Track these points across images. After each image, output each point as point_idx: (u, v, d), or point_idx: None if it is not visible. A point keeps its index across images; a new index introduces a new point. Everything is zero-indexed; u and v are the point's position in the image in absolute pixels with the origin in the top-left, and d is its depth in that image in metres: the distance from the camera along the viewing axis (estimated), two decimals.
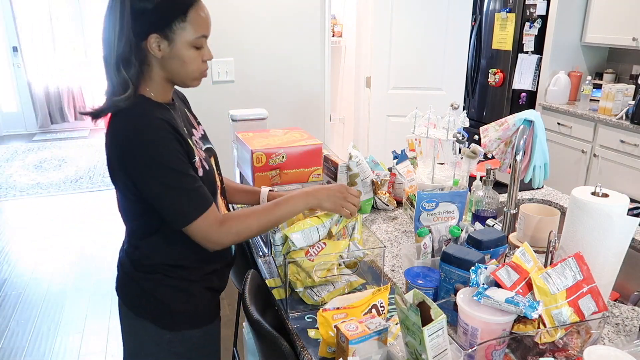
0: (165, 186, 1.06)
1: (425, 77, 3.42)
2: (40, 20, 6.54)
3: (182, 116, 1.23)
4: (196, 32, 1.08)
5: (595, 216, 1.10)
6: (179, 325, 1.23)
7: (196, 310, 1.25)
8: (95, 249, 3.58)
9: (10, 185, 4.88)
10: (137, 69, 1.07)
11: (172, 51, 1.08)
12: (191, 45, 1.09)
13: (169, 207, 1.09)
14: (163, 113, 1.09)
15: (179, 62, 1.10)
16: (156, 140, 1.04)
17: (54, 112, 6.97)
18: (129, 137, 1.04)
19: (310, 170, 1.65)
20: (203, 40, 1.12)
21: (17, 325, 2.75)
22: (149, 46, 1.07)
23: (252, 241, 1.58)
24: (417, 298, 0.90)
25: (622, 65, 3.90)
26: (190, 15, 1.07)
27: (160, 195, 1.07)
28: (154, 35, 1.06)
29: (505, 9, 4.10)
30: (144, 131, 1.04)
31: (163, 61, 1.10)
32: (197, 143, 1.21)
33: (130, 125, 1.05)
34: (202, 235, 1.11)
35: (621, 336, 1.09)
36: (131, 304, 1.24)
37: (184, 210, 1.08)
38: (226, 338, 2.58)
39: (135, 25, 1.04)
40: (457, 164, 1.75)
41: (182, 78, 1.13)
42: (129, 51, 1.05)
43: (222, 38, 2.83)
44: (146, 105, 1.10)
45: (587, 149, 3.55)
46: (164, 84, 1.14)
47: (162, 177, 1.05)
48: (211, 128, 2.90)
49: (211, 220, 1.11)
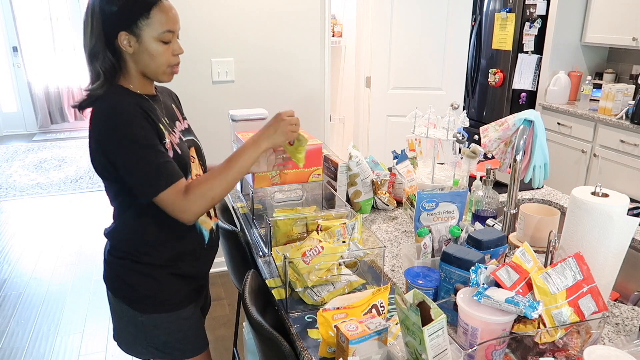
0: (136, 159, 1.15)
1: (425, 77, 3.42)
2: (40, 20, 6.54)
3: (166, 109, 1.34)
4: (161, 27, 1.19)
5: (595, 216, 1.10)
6: (149, 309, 1.33)
7: (162, 295, 1.33)
8: (95, 249, 3.59)
9: (10, 185, 4.88)
10: (110, 62, 1.20)
11: (141, 46, 1.20)
12: (158, 40, 1.20)
13: (139, 178, 1.17)
14: (137, 100, 1.21)
15: (148, 55, 1.21)
16: (128, 118, 1.15)
17: (54, 112, 6.97)
18: (105, 115, 1.16)
19: (310, 170, 1.65)
20: (170, 35, 1.22)
21: (17, 325, 2.74)
22: (120, 43, 1.19)
23: (252, 241, 1.58)
24: (417, 298, 0.90)
25: (622, 65, 3.90)
26: (153, 12, 1.18)
27: (131, 168, 1.16)
28: (123, 32, 1.18)
29: (505, 9, 4.10)
30: (116, 110, 1.16)
31: (134, 56, 1.21)
32: (174, 132, 1.31)
33: (105, 107, 1.17)
34: (172, 206, 1.18)
35: (621, 336, 1.09)
36: (111, 287, 1.36)
37: (152, 181, 1.16)
38: (226, 338, 2.58)
39: (105, 25, 1.18)
40: (457, 164, 1.75)
41: (152, 71, 1.24)
42: (98, 47, 1.18)
43: (222, 38, 2.83)
44: (122, 91, 1.22)
45: (587, 149, 3.55)
46: (140, 77, 1.26)
47: (133, 150, 1.15)
48: (211, 128, 2.92)
49: (179, 191, 1.18)
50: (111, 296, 1.37)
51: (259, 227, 1.62)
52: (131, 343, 1.37)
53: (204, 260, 1.42)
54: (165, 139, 1.22)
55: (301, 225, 1.46)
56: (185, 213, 1.19)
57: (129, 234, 1.30)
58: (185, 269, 1.35)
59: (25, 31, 6.52)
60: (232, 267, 1.80)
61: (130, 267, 1.31)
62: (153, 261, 1.30)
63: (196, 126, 1.63)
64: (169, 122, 1.30)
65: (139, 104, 1.19)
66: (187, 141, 1.35)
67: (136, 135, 1.15)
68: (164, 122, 1.27)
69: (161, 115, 1.28)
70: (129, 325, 1.35)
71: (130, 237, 1.30)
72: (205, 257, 1.42)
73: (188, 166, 1.31)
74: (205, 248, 1.40)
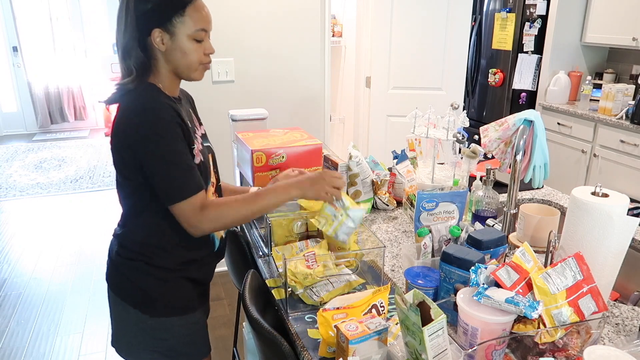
0: (165, 160, 1.14)
1: (425, 77, 3.42)
2: (40, 20, 6.54)
3: (186, 112, 1.31)
4: (195, 25, 1.19)
5: (595, 216, 1.10)
6: (158, 312, 1.29)
7: (174, 298, 1.30)
8: (95, 249, 3.59)
9: (10, 185, 4.88)
10: (143, 59, 1.19)
11: (174, 44, 1.19)
12: (191, 38, 1.19)
13: (165, 180, 1.15)
14: (169, 101, 1.20)
15: (181, 53, 1.20)
16: (162, 118, 1.14)
17: (54, 112, 6.97)
18: (139, 112, 1.14)
19: (310, 171, 1.65)
20: (203, 34, 1.21)
21: (17, 325, 2.74)
22: (154, 40, 1.18)
23: (252, 241, 1.58)
24: (417, 298, 0.90)
25: (622, 65, 3.90)
26: (188, 10, 1.18)
27: (159, 169, 1.15)
28: (157, 30, 1.17)
29: (505, 8, 4.10)
30: (151, 109, 1.14)
31: (167, 54, 1.20)
32: (197, 137, 1.29)
33: (139, 103, 1.16)
34: (185, 216, 1.17)
35: (621, 336, 1.09)
36: (116, 289, 1.32)
37: (176, 186, 1.15)
38: (226, 338, 2.58)
39: (139, 23, 1.16)
40: (457, 164, 1.75)
41: (184, 69, 1.23)
42: (131, 44, 1.17)
43: (222, 38, 2.83)
44: (155, 90, 1.21)
45: (587, 149, 3.55)
46: (170, 77, 1.24)
47: (163, 152, 1.14)
48: (211, 128, 2.90)
49: (196, 204, 1.17)
50: (115, 298, 1.32)
51: (259, 227, 1.62)
52: (133, 348, 1.33)
53: (211, 266, 1.41)
54: (193, 145, 1.21)
55: (301, 225, 1.46)
56: (195, 228, 1.18)
57: (145, 236, 1.26)
58: (194, 273, 1.34)
59: (25, 31, 6.52)
60: (232, 267, 1.80)
61: (142, 269, 1.27)
62: (166, 265, 1.27)
63: None
64: (191, 126, 1.28)
65: (171, 104, 1.18)
66: (205, 147, 1.34)
67: (168, 135, 1.14)
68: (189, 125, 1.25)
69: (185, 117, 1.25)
70: (134, 329, 1.31)
71: (145, 239, 1.26)
72: (212, 263, 1.41)
73: (209, 173, 1.30)
74: (214, 255, 1.39)
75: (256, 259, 1.50)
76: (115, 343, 1.36)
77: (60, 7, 6.57)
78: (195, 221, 1.17)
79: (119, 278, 1.31)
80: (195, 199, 1.16)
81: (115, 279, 1.32)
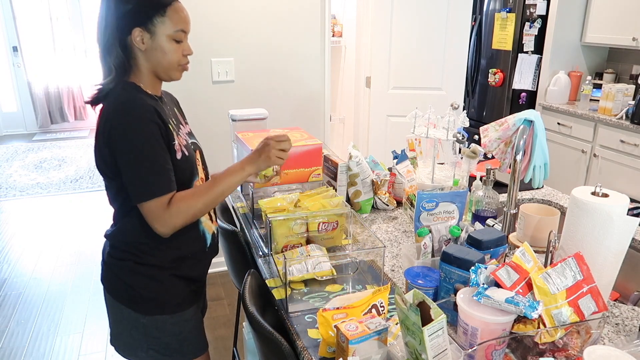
0: (137, 159, 1.16)
1: (425, 77, 3.42)
2: (40, 20, 6.54)
3: (169, 111, 1.34)
4: (175, 26, 1.22)
5: (595, 216, 1.10)
6: (151, 311, 1.32)
7: (165, 296, 1.32)
8: (95, 249, 3.59)
9: (10, 185, 4.88)
10: (122, 58, 1.21)
11: (154, 43, 1.22)
12: (171, 38, 1.23)
13: (135, 178, 1.17)
14: (149, 99, 1.22)
15: (161, 53, 1.23)
16: (137, 117, 1.15)
17: (54, 112, 6.97)
18: (116, 110, 1.16)
19: (310, 170, 1.65)
20: (182, 35, 1.25)
21: (17, 325, 2.74)
22: (134, 39, 1.20)
23: (252, 241, 1.58)
24: (417, 298, 0.90)
25: (622, 65, 3.90)
26: (168, 11, 1.21)
27: (130, 167, 1.16)
28: (138, 29, 1.20)
29: (505, 8, 4.10)
30: (129, 107, 1.16)
31: (147, 53, 1.23)
32: (181, 134, 1.31)
33: (118, 102, 1.18)
34: (153, 215, 1.18)
35: (621, 336, 1.09)
36: (110, 290, 1.34)
37: (145, 185, 1.17)
38: (226, 338, 2.58)
39: (120, 22, 1.19)
40: (457, 164, 1.75)
41: (163, 69, 1.26)
42: (112, 42, 1.20)
43: (222, 38, 2.83)
44: (134, 89, 1.23)
45: (587, 149, 3.55)
46: (151, 76, 1.27)
47: (136, 150, 1.15)
48: (211, 128, 2.92)
49: (164, 203, 1.19)
50: (110, 299, 1.35)
51: (258, 227, 1.62)
52: (131, 346, 1.35)
53: (204, 263, 1.43)
54: (174, 140, 1.23)
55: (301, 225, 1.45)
56: (163, 226, 1.19)
57: (132, 235, 1.28)
58: (186, 271, 1.35)
59: (25, 31, 6.51)
60: (232, 267, 1.80)
61: (132, 268, 1.29)
62: (156, 263, 1.29)
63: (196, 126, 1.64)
64: (175, 123, 1.31)
65: (149, 103, 1.19)
66: (191, 144, 1.36)
67: (144, 132, 1.15)
68: (172, 123, 1.27)
69: (168, 116, 1.28)
70: (129, 328, 1.33)
71: (134, 239, 1.28)
72: (205, 260, 1.43)
73: (195, 169, 1.32)
74: (207, 251, 1.41)
75: (256, 259, 1.50)
76: (114, 342, 1.39)
77: (60, 7, 6.57)
78: (164, 218, 1.18)
79: (112, 278, 1.33)
80: (165, 198, 1.18)
81: (109, 279, 1.34)
